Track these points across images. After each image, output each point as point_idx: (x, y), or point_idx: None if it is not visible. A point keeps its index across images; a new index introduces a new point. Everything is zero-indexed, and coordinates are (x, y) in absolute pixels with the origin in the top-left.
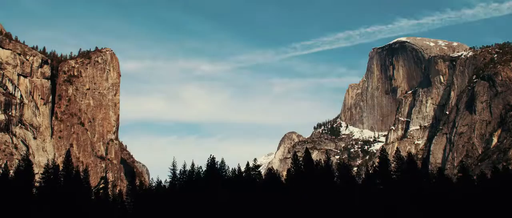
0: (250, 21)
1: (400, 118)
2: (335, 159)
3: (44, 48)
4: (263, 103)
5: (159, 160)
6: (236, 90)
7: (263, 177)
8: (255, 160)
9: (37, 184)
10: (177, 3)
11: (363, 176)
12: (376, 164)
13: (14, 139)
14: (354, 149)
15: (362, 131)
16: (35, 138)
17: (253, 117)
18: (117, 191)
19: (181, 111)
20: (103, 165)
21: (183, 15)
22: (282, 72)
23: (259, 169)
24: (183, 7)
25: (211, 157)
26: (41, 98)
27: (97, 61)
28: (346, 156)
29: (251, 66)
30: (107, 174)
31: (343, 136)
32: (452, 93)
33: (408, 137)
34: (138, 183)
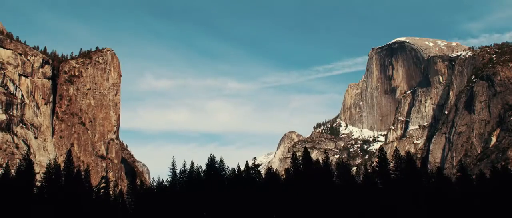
0: (277, 47)
1: (399, 118)
2: (334, 158)
3: (45, 48)
4: (281, 115)
5: (159, 160)
6: (258, 105)
7: (263, 176)
8: (254, 159)
9: (38, 184)
10: (210, 32)
11: (363, 175)
12: (375, 163)
13: (15, 138)
14: (354, 148)
15: (361, 131)
16: (36, 138)
17: (270, 126)
18: (117, 190)
19: (203, 122)
20: (104, 165)
21: (215, 42)
22: (302, 90)
23: (258, 168)
24: (215, 35)
25: (211, 156)
26: (42, 98)
27: (98, 61)
28: (345, 155)
29: (276, 86)
30: (108, 174)
31: (342, 135)
32: (451, 93)
33: (407, 136)
34: (138, 183)
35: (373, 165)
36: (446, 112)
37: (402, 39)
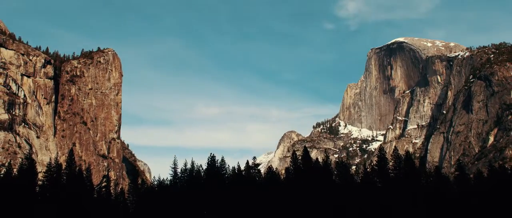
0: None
1: (398, 117)
2: (334, 157)
3: (47, 49)
4: None
5: (160, 159)
6: (293, 127)
7: (263, 175)
8: (254, 158)
9: (40, 183)
10: (255, 72)
11: (362, 174)
12: (374, 162)
13: (17, 138)
14: (353, 147)
15: (360, 130)
16: (38, 137)
17: None
18: (119, 189)
19: (242, 140)
20: (105, 164)
21: (261, 82)
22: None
23: (258, 168)
24: (260, 75)
25: (211, 155)
26: (44, 98)
27: (99, 61)
28: (344, 154)
29: (316, 115)
30: (109, 173)
31: (341, 135)
32: (449, 93)
33: (406, 136)
34: (140, 182)
35: (372, 164)
36: (444, 112)
37: (401, 39)
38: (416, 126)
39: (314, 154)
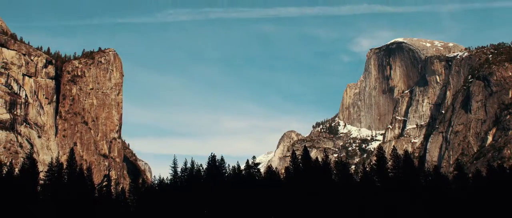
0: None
1: (397, 117)
2: (333, 157)
3: (48, 49)
4: None
5: (161, 158)
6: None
7: (263, 174)
8: (254, 158)
9: (41, 182)
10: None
11: (361, 174)
12: (374, 162)
13: (19, 137)
14: (352, 147)
15: (359, 130)
16: (39, 137)
17: None
18: (120, 188)
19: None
20: (106, 163)
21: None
22: None
23: (258, 167)
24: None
25: (212, 155)
26: (46, 97)
27: (100, 61)
28: (344, 154)
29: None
30: (110, 172)
31: (341, 134)
32: (448, 92)
33: (405, 135)
34: (140, 181)
35: (371, 163)
36: (443, 111)
37: (400, 39)
38: (415, 126)
39: (313, 154)
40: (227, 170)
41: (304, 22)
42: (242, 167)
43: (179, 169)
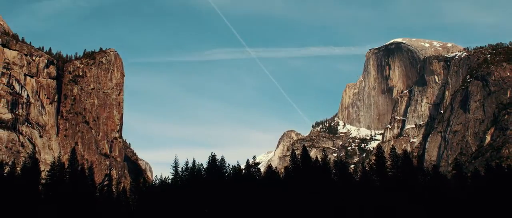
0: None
1: (396, 117)
2: (332, 156)
3: (50, 49)
4: None
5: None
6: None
7: (263, 174)
8: (254, 157)
9: (43, 181)
10: None
11: (360, 173)
12: (373, 161)
13: (20, 137)
14: (351, 147)
15: (359, 130)
16: (41, 136)
17: None
18: (121, 188)
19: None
20: (107, 163)
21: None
22: None
23: (258, 166)
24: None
25: (212, 154)
26: (47, 97)
27: (101, 61)
28: (343, 153)
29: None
30: (111, 171)
31: (340, 134)
32: (446, 92)
33: (404, 135)
34: (141, 180)
35: (370, 163)
36: (442, 111)
37: (399, 40)
38: (414, 125)
39: (313, 153)
40: (228, 170)
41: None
42: (243, 166)
43: (179, 169)
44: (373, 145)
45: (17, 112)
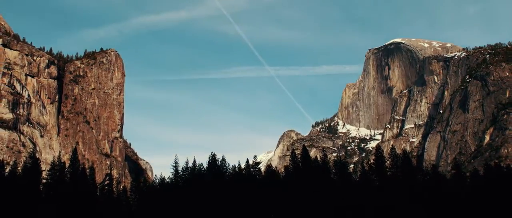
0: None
1: (395, 117)
2: (332, 156)
3: (51, 49)
4: None
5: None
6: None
7: (263, 173)
8: (254, 157)
9: (44, 181)
10: None
11: (360, 172)
12: (372, 161)
13: (21, 137)
14: (351, 146)
15: (358, 129)
16: (42, 136)
17: None
18: (121, 187)
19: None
20: (108, 162)
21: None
22: None
23: (258, 166)
24: None
25: (212, 154)
26: (48, 97)
27: (102, 61)
28: (343, 153)
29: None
30: (112, 171)
31: (340, 134)
32: (445, 92)
33: (403, 135)
34: (142, 180)
35: (370, 162)
36: (441, 111)
37: (398, 40)
38: (413, 125)
39: (313, 153)
40: (228, 169)
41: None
42: (243, 165)
43: (180, 168)
44: (372, 144)
45: (18, 112)
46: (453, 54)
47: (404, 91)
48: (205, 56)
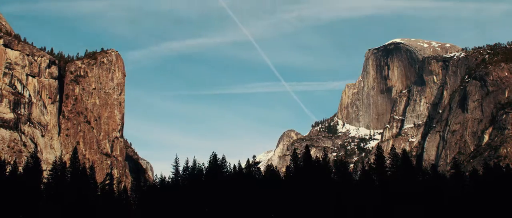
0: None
1: (395, 116)
2: (332, 156)
3: (51, 49)
4: None
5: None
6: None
7: (263, 173)
8: (254, 157)
9: (45, 181)
10: None
11: (359, 172)
12: (372, 160)
13: (22, 136)
14: (351, 146)
15: (358, 129)
16: (43, 136)
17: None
18: (122, 187)
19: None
20: (109, 162)
21: None
22: None
23: (258, 166)
24: None
25: (213, 153)
26: (49, 97)
27: (103, 62)
28: (343, 153)
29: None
30: (113, 171)
31: (340, 133)
32: (445, 92)
33: (403, 134)
34: (142, 179)
35: (369, 162)
36: (440, 111)
37: (397, 40)
38: (412, 125)
39: (313, 152)
40: (228, 169)
41: None
42: (243, 165)
43: (180, 168)
44: (372, 144)
45: (19, 112)
46: (452, 54)
47: (404, 91)
48: (227, 74)
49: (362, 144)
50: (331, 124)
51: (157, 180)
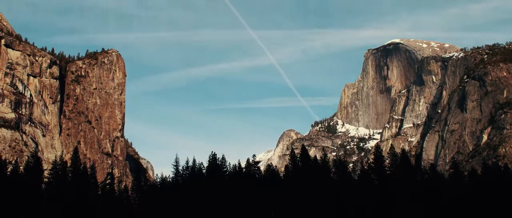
0: None
1: (394, 116)
2: (331, 155)
3: (52, 49)
4: None
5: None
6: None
7: (263, 173)
8: (254, 156)
9: (46, 180)
10: None
11: (359, 172)
12: (371, 160)
13: (24, 136)
14: (350, 146)
15: (357, 129)
16: (44, 136)
17: None
18: (122, 186)
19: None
20: (109, 162)
21: None
22: None
23: (258, 165)
24: None
25: (213, 153)
26: (50, 97)
27: (104, 62)
28: (342, 152)
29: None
30: (113, 170)
31: (339, 133)
32: (444, 92)
33: (402, 134)
34: (143, 179)
35: (369, 161)
36: (439, 111)
37: (397, 40)
38: (411, 125)
39: (312, 152)
40: (228, 168)
41: None
42: (243, 165)
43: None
44: (371, 144)
45: (20, 111)
46: (451, 55)
47: (403, 91)
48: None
49: (361, 144)
50: (331, 123)
51: (158, 180)
